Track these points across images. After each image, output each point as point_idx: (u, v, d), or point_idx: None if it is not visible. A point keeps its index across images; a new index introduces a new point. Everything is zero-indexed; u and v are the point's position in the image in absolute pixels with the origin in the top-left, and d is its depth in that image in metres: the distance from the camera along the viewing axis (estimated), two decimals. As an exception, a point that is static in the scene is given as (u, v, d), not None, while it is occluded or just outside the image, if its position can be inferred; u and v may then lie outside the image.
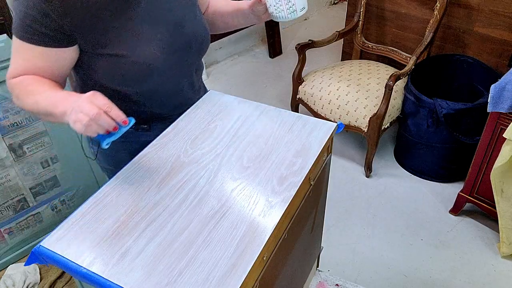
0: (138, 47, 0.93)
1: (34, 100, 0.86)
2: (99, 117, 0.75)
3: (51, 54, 0.88)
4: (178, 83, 1.08)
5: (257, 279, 0.76)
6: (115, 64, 0.93)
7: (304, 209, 0.98)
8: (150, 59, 0.95)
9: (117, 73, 0.95)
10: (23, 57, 0.89)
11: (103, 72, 0.95)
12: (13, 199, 1.73)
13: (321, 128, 1.00)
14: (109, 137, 0.80)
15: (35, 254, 0.75)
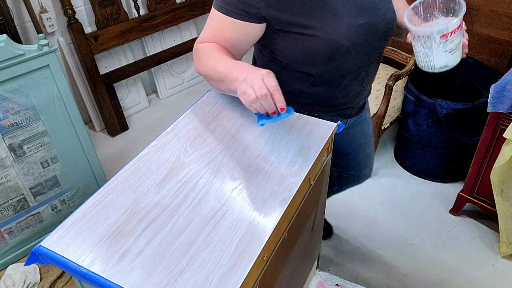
0: (329, 24, 0.92)
1: (213, 64, 0.94)
2: (265, 98, 0.79)
3: (240, 27, 0.95)
4: (357, 69, 1.06)
5: (257, 279, 0.76)
6: (301, 42, 0.95)
7: (304, 209, 0.98)
8: (339, 38, 0.94)
9: (301, 51, 0.96)
10: (215, 25, 0.97)
11: (286, 50, 0.97)
12: (13, 199, 1.73)
13: (321, 128, 1.00)
14: (266, 118, 0.83)
15: (35, 254, 0.75)
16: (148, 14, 2.62)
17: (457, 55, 0.90)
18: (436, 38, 0.87)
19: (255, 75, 0.81)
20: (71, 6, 2.27)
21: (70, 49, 2.46)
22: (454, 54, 0.89)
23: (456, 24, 0.86)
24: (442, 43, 0.88)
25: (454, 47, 0.89)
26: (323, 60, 0.97)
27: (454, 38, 0.87)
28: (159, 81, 2.96)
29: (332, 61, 0.98)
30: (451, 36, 0.86)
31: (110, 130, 2.67)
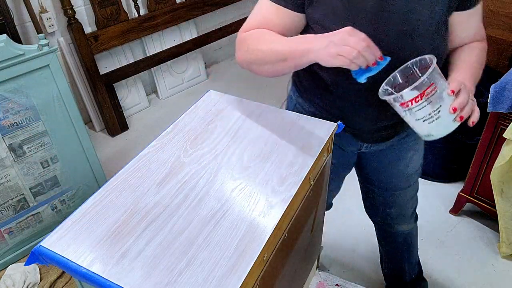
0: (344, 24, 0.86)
1: (269, 46, 0.92)
2: (366, 49, 0.78)
3: (285, 15, 0.95)
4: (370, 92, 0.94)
5: (257, 279, 0.76)
6: None
7: (304, 209, 0.98)
8: None
9: None
10: (263, 13, 0.97)
11: None
12: (13, 199, 1.73)
13: (321, 128, 1.00)
14: (367, 72, 0.83)
15: (35, 254, 0.75)
16: (148, 14, 2.62)
17: (440, 124, 0.81)
18: (397, 106, 0.82)
19: (340, 34, 0.80)
20: (71, 6, 2.27)
21: (70, 49, 2.46)
22: (434, 123, 0.81)
23: (413, 93, 0.78)
24: (407, 111, 0.81)
25: (426, 116, 0.80)
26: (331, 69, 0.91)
27: (421, 106, 0.79)
28: (159, 81, 2.96)
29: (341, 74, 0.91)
30: (415, 105, 0.79)
31: (110, 130, 2.67)
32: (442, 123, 0.81)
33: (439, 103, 0.79)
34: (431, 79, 0.78)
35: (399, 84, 0.86)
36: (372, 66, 0.81)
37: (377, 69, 0.82)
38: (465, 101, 0.80)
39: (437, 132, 0.82)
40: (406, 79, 0.86)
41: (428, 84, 0.77)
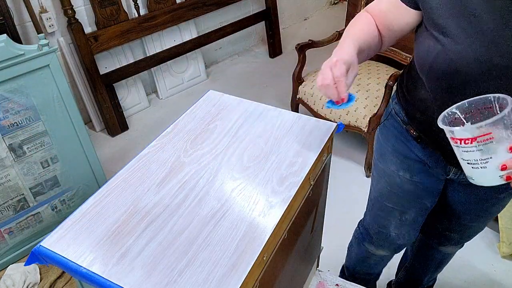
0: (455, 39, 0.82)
1: (344, 34, 0.95)
2: (327, 88, 0.83)
3: (397, 5, 0.92)
4: None
5: (257, 279, 0.76)
6: (428, 48, 0.88)
7: (304, 209, 0.98)
8: (459, 58, 0.82)
9: (424, 59, 0.90)
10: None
11: (417, 53, 0.92)
12: (13, 199, 1.73)
13: (321, 128, 1.00)
14: (332, 104, 0.87)
15: (35, 254, 0.75)
16: (148, 14, 2.62)
17: (484, 174, 0.74)
18: (448, 136, 0.76)
19: (327, 63, 0.85)
20: (71, 6, 2.27)
21: (70, 49, 2.46)
22: (478, 170, 0.74)
23: (465, 134, 0.71)
24: (455, 146, 0.75)
25: (472, 160, 0.74)
26: (437, 77, 0.88)
27: (469, 150, 0.72)
28: (159, 81, 2.96)
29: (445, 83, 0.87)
30: (463, 145, 0.73)
31: (110, 130, 2.67)
32: (486, 175, 0.74)
33: (490, 154, 0.71)
34: (491, 127, 0.69)
35: (472, 112, 0.78)
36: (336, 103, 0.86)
37: (339, 107, 0.86)
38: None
39: (478, 180, 0.76)
40: (482, 110, 0.77)
41: (485, 131, 0.69)
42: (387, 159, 1.15)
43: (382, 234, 1.28)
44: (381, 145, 1.16)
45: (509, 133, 0.70)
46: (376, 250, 1.35)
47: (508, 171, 0.71)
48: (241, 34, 3.40)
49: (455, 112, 0.77)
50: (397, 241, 1.27)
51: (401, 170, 1.12)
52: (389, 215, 1.22)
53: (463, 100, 0.79)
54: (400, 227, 1.22)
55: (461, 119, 0.77)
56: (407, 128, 1.06)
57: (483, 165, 0.73)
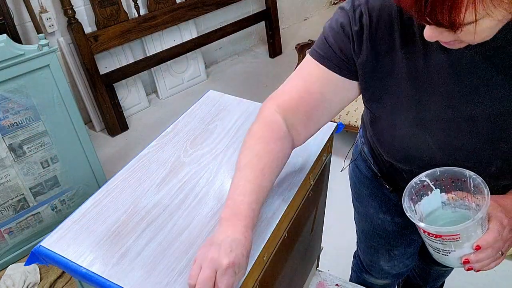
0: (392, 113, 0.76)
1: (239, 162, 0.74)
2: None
3: (332, 80, 0.76)
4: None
5: (257, 279, 0.76)
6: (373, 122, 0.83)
7: (304, 209, 0.98)
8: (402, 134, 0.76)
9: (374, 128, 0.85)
10: (302, 76, 0.79)
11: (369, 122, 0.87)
12: (13, 199, 1.73)
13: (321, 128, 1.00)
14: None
15: (35, 254, 0.75)
16: (148, 14, 2.62)
17: (445, 260, 0.71)
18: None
19: (213, 256, 0.61)
20: (71, 6, 2.27)
21: (70, 49, 2.46)
22: (438, 256, 0.72)
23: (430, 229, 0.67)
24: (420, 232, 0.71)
25: (433, 247, 0.71)
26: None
27: (432, 241, 0.69)
28: (159, 81, 2.96)
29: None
30: (425, 235, 0.69)
31: (110, 130, 2.67)
32: (446, 260, 0.72)
33: (454, 248, 0.68)
34: (461, 231, 0.65)
35: (442, 180, 0.73)
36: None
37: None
38: (486, 259, 0.67)
39: (440, 261, 0.74)
40: (454, 180, 0.72)
41: (454, 233, 0.66)
42: (364, 202, 1.10)
43: (376, 267, 1.26)
44: (357, 187, 1.11)
45: (479, 232, 0.66)
46: (375, 280, 1.33)
47: (470, 264, 0.68)
48: (241, 34, 3.40)
49: (424, 180, 0.73)
50: (393, 271, 1.24)
51: (380, 213, 1.07)
52: (377, 252, 1.19)
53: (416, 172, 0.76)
54: (391, 261, 1.19)
55: (430, 186, 0.73)
56: (379, 181, 1.01)
57: (445, 254, 0.70)
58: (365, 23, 0.70)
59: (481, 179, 0.67)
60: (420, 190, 0.73)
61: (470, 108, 0.69)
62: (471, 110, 0.69)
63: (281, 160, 0.75)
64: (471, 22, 0.52)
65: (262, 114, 0.78)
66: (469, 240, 0.67)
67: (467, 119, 0.70)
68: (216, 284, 0.60)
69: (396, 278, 1.30)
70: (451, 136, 0.73)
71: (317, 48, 0.77)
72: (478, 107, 0.69)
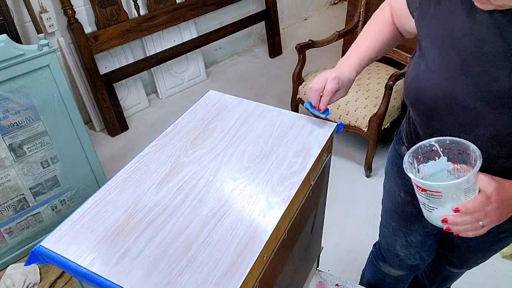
0: (429, 67, 0.82)
1: (359, 37, 1.01)
2: (314, 93, 0.94)
3: (404, 9, 0.91)
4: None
5: (257, 279, 0.76)
6: (409, 69, 0.89)
7: (304, 209, 0.98)
8: (428, 87, 0.83)
9: (405, 80, 0.91)
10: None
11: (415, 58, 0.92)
12: (13, 199, 1.73)
13: (321, 128, 1.00)
14: (311, 106, 0.98)
15: (35, 254, 0.75)
16: (148, 14, 2.62)
17: (429, 217, 0.78)
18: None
19: (325, 74, 0.93)
20: (71, 6, 2.27)
21: (70, 49, 2.46)
22: (425, 211, 0.79)
23: (418, 183, 0.74)
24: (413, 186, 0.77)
25: (421, 202, 0.78)
26: (408, 101, 0.90)
27: (420, 195, 0.76)
28: (159, 81, 2.96)
29: (415, 110, 0.90)
30: (416, 189, 0.76)
31: (110, 130, 2.67)
32: (430, 217, 0.78)
33: (436, 205, 0.75)
34: (443, 189, 0.72)
35: (451, 149, 0.78)
36: (314, 108, 0.97)
37: (315, 112, 0.97)
38: (463, 223, 0.73)
39: (426, 217, 0.80)
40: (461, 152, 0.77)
41: (436, 189, 0.72)
42: (391, 178, 1.15)
43: (391, 253, 1.27)
44: (388, 164, 1.17)
45: (460, 195, 0.71)
46: (390, 269, 1.33)
47: (447, 225, 0.75)
48: (241, 34, 3.40)
49: (433, 145, 0.77)
50: (408, 261, 1.25)
51: (402, 192, 1.11)
52: (395, 234, 1.22)
53: (429, 129, 0.87)
54: (408, 248, 1.21)
55: (438, 152, 0.78)
56: (403, 149, 1.05)
57: (430, 210, 0.77)
58: None
59: (479, 153, 0.72)
60: (428, 153, 0.78)
61: (489, 66, 0.73)
62: (489, 68, 0.73)
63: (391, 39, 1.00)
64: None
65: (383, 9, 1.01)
66: (450, 202, 0.73)
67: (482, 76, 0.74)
68: (326, 85, 0.92)
69: (410, 271, 1.31)
70: (457, 86, 0.77)
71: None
72: (499, 67, 0.72)
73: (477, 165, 0.70)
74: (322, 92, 0.93)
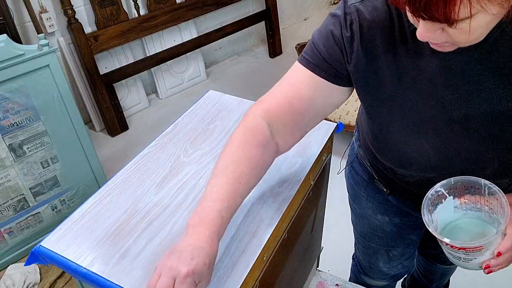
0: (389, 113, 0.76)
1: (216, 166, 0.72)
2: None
3: (320, 86, 0.75)
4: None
5: (257, 279, 0.76)
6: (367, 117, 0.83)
7: (304, 209, 0.98)
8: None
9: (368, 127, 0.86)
10: (291, 81, 0.78)
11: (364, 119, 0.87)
12: (13, 199, 1.73)
13: (321, 128, 1.00)
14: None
15: (35, 254, 0.75)
16: (148, 14, 2.62)
17: (465, 266, 0.73)
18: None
19: (172, 264, 0.59)
20: (71, 6, 2.27)
21: (70, 49, 2.46)
22: (459, 262, 0.73)
23: (454, 243, 0.68)
24: (440, 243, 0.72)
25: (454, 256, 0.72)
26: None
27: (454, 252, 0.71)
28: (159, 81, 2.96)
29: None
30: (447, 247, 0.71)
31: (110, 130, 2.67)
32: (467, 266, 0.73)
33: (475, 256, 0.70)
34: (485, 244, 0.67)
35: (457, 188, 0.74)
36: None
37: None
38: (504, 262, 0.69)
39: (460, 266, 0.75)
40: (468, 188, 0.74)
41: (477, 246, 0.67)
42: (362, 204, 1.10)
43: (374, 269, 1.25)
44: (354, 189, 1.10)
45: (499, 239, 0.68)
46: (374, 281, 1.33)
47: (490, 268, 0.70)
48: (241, 34, 3.40)
49: (439, 190, 0.74)
50: (390, 272, 1.24)
51: (378, 214, 1.07)
52: (376, 253, 1.19)
53: (425, 178, 0.80)
54: (390, 262, 1.19)
55: (444, 194, 0.75)
56: (376, 184, 1.01)
57: (466, 261, 0.72)
58: (355, 30, 0.71)
59: (497, 188, 0.68)
60: (436, 200, 0.75)
61: (464, 110, 0.69)
62: (465, 112, 0.70)
63: (261, 167, 0.73)
64: (466, 17, 0.52)
65: (246, 120, 0.76)
66: (490, 249, 0.68)
67: (461, 121, 0.71)
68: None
69: (394, 279, 1.30)
70: (446, 139, 0.73)
71: (305, 54, 0.76)
72: (472, 110, 0.69)
73: (505, 202, 0.66)
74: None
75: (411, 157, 0.79)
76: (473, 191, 0.73)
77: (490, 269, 0.70)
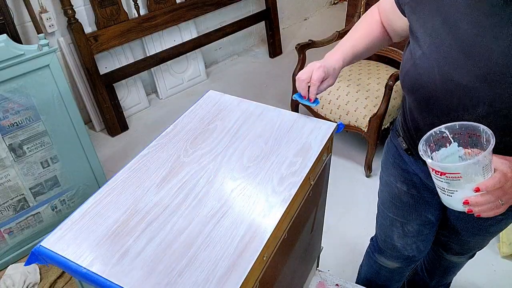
0: (426, 55, 0.83)
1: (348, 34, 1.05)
2: (300, 83, 0.97)
3: (394, 9, 0.95)
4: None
5: (257, 279, 0.76)
6: (405, 60, 0.91)
7: (304, 209, 0.98)
8: (426, 74, 0.84)
9: (401, 70, 0.93)
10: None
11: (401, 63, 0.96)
12: (13, 199, 1.73)
13: (321, 128, 1.00)
14: (300, 97, 1.01)
15: (35, 254, 0.75)
16: (148, 14, 2.62)
17: (450, 200, 0.77)
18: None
19: (311, 64, 0.96)
20: (71, 6, 2.27)
21: (70, 49, 2.46)
22: (444, 196, 0.77)
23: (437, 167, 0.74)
24: (430, 172, 0.77)
25: (440, 187, 0.77)
26: (407, 90, 0.91)
27: (439, 179, 0.75)
28: (159, 81, 2.96)
29: (413, 97, 0.91)
30: (434, 173, 0.75)
31: (110, 130, 2.67)
32: (451, 201, 0.77)
33: (456, 188, 0.74)
34: (462, 170, 0.71)
35: (461, 134, 0.78)
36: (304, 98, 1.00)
37: (304, 102, 1.00)
38: (485, 203, 0.73)
39: (445, 202, 0.79)
40: (471, 135, 0.78)
41: (454, 171, 0.72)
42: (388, 170, 1.18)
43: (388, 244, 1.28)
44: (385, 156, 1.20)
45: (479, 175, 0.72)
46: (386, 261, 1.34)
47: (469, 206, 0.74)
48: (241, 34, 3.40)
49: (444, 131, 0.78)
50: (404, 252, 1.26)
51: (398, 182, 1.14)
52: (392, 225, 1.23)
53: (429, 115, 0.88)
54: (404, 238, 1.22)
55: (449, 138, 0.79)
56: (399, 140, 1.07)
57: (449, 194, 0.76)
58: None
59: (491, 132, 0.72)
60: (439, 141, 0.79)
61: (486, 42, 0.75)
62: (486, 44, 0.75)
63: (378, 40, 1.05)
64: None
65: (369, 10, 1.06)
66: (470, 183, 0.72)
67: (478, 51, 0.76)
68: (313, 74, 0.94)
69: (406, 262, 1.32)
70: (454, 68, 0.79)
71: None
72: (494, 43, 0.74)
73: (491, 143, 0.70)
74: (309, 82, 0.96)
75: (420, 82, 0.86)
76: (475, 140, 0.77)
77: (469, 207, 0.74)
